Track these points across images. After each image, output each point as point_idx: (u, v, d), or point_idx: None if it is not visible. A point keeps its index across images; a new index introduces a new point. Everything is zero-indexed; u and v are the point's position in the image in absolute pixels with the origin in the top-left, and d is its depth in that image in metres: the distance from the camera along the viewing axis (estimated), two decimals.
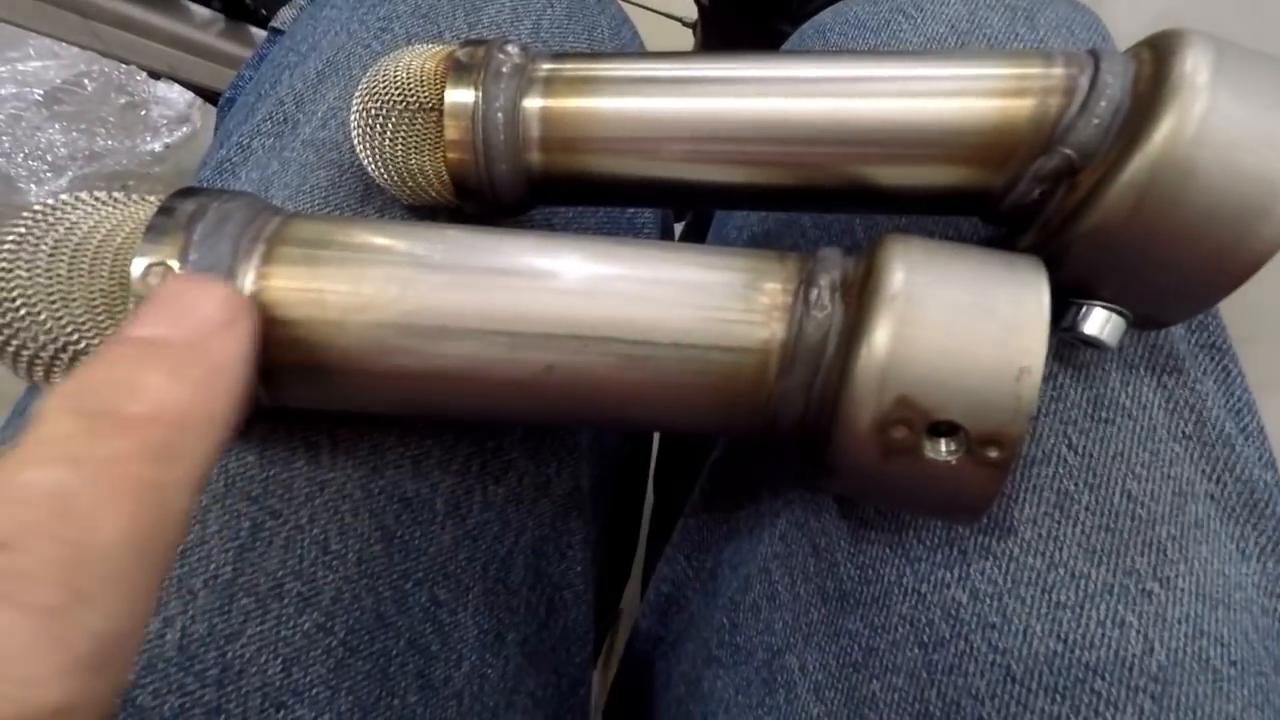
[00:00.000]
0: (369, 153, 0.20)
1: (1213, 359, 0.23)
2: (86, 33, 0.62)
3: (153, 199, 0.17)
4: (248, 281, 0.16)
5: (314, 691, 0.16)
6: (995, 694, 0.18)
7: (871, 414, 0.16)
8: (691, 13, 0.67)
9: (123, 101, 0.96)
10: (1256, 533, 0.20)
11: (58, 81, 0.96)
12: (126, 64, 0.69)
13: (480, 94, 0.19)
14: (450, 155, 0.19)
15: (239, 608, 0.16)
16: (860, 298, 0.16)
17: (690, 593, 0.26)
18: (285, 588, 0.17)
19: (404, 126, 0.20)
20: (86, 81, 0.98)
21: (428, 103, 0.19)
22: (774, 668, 0.21)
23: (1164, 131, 0.16)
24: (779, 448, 0.23)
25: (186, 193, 0.17)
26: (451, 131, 0.19)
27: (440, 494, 0.20)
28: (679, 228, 0.48)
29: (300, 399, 0.17)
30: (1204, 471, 0.21)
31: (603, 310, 0.17)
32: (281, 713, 0.16)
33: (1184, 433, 0.21)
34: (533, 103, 0.19)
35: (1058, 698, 0.18)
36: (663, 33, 0.76)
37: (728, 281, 0.17)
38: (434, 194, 0.21)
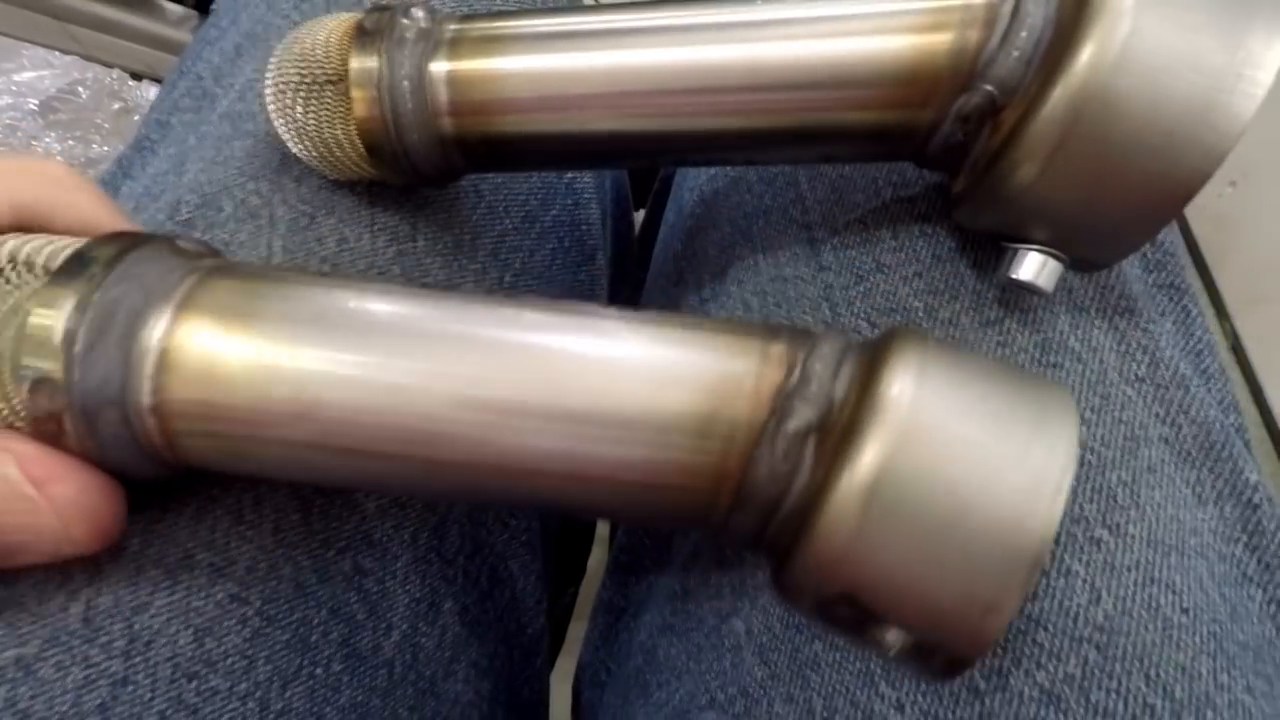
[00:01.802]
0: (285, 127, 0.20)
1: (1171, 299, 0.22)
2: (64, 36, 0.62)
3: (38, 279, 0.15)
4: (144, 395, 0.14)
5: (229, 661, 0.16)
6: None
7: (813, 592, 0.14)
8: None
9: (116, 107, 0.97)
10: (1213, 476, 0.20)
11: (52, 91, 0.97)
12: (110, 67, 0.70)
13: (384, 61, 0.19)
14: (361, 126, 0.19)
15: (147, 579, 0.16)
16: (834, 457, 0.13)
17: (647, 561, 0.25)
18: (196, 558, 0.17)
19: (314, 100, 0.19)
20: (81, 89, 0.99)
21: (334, 75, 0.19)
22: (722, 632, 0.21)
23: (1084, 60, 0.15)
24: None
25: (69, 274, 0.14)
26: (358, 102, 0.19)
27: None
28: (639, 218, 0.46)
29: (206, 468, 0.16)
30: (1158, 414, 0.20)
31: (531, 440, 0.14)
32: (194, 683, 0.16)
33: (1137, 375, 0.20)
34: (439, 66, 0.19)
35: (998, 651, 0.18)
36: None
37: (680, 409, 0.14)
38: (353, 165, 0.20)
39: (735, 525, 0.14)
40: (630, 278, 0.38)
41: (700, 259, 0.27)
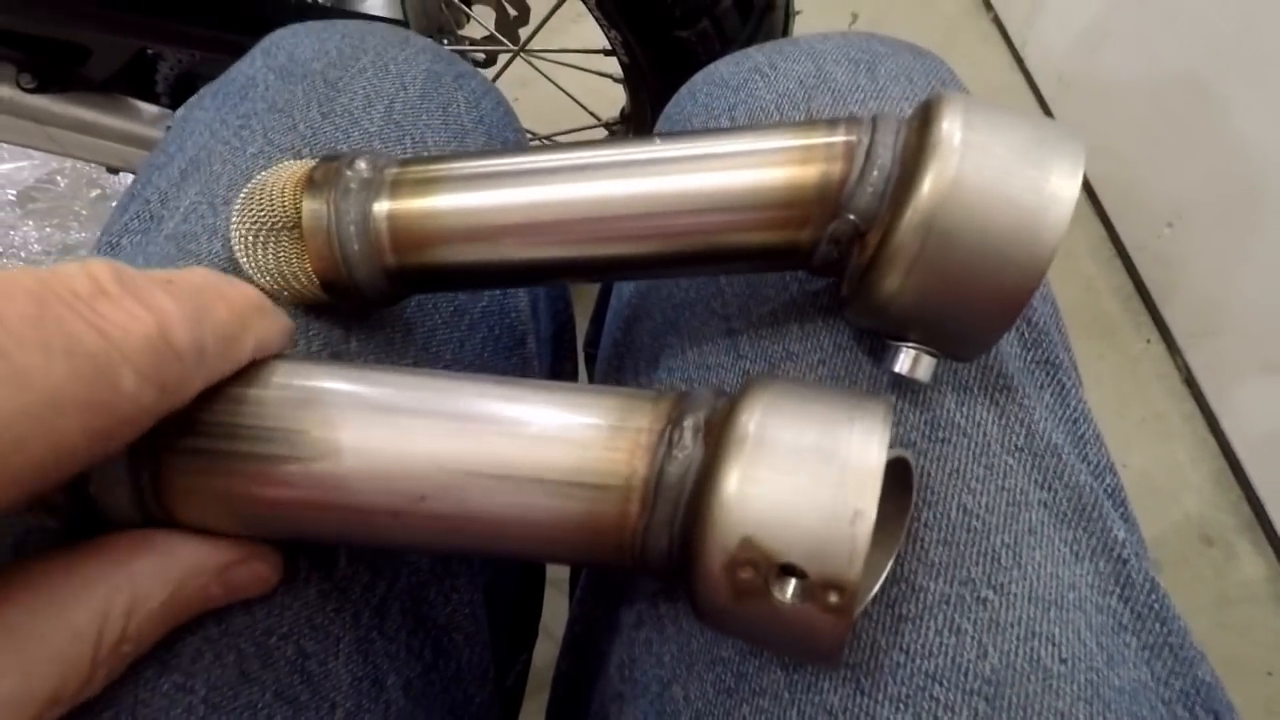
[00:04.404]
0: (250, 266, 0.23)
1: (1048, 374, 0.25)
2: (43, 137, 0.65)
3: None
4: None
5: None
6: (847, 708, 0.20)
7: (720, 553, 0.16)
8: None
9: (94, 194, 1.00)
10: (1087, 535, 0.22)
11: (31, 181, 1.00)
12: (88, 162, 0.72)
13: (332, 210, 0.21)
14: (316, 266, 0.22)
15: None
16: (718, 438, 0.17)
17: (599, 632, 0.27)
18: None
19: (273, 243, 0.22)
20: (59, 179, 1.02)
21: (290, 221, 0.22)
22: (664, 699, 0.23)
23: (924, 194, 0.18)
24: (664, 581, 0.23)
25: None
26: (312, 246, 0.21)
27: (302, 550, 0.21)
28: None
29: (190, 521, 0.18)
30: (1036, 481, 0.22)
31: (470, 446, 0.18)
32: None
33: (1016, 445, 0.23)
34: (381, 207, 0.21)
35: (901, 707, 0.20)
36: (600, 88, 0.80)
37: (594, 421, 0.18)
38: (311, 297, 0.23)
39: (650, 527, 0.17)
40: (570, 352, 0.40)
41: (637, 346, 0.30)
